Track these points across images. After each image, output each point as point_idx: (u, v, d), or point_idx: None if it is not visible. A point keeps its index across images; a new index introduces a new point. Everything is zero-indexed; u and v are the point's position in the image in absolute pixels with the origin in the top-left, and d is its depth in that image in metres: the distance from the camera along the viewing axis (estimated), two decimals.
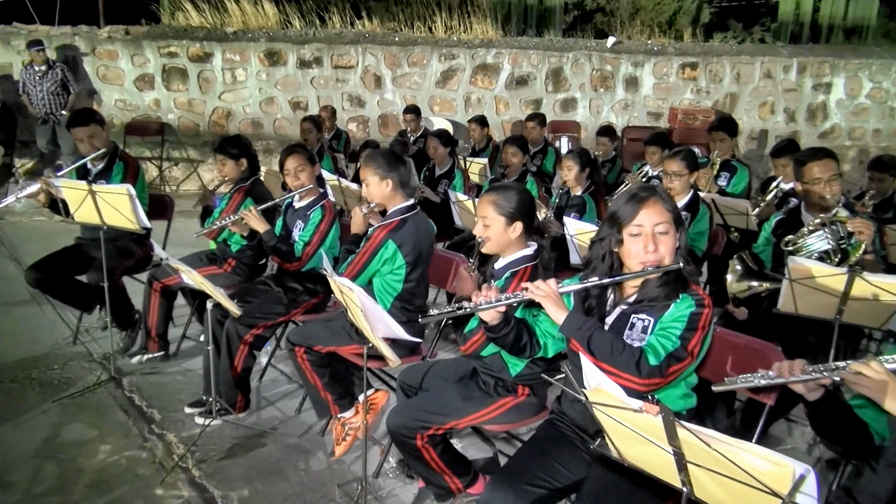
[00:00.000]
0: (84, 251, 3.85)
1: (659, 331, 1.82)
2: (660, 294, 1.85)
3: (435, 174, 5.40)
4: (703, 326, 1.79)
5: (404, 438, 2.32)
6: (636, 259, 1.85)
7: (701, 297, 1.84)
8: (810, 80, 9.27)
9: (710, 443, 1.20)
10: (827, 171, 2.90)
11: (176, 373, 3.73)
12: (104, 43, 8.20)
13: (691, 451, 1.27)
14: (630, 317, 1.90)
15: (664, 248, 1.84)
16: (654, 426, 1.28)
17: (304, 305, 3.38)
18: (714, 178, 4.67)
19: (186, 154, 8.49)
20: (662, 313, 1.85)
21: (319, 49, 8.47)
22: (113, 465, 2.86)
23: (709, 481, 1.30)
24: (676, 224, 1.87)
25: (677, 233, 1.87)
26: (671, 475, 1.37)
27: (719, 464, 1.21)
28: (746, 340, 2.24)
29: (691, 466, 1.31)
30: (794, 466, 1.13)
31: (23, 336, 4.08)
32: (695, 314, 1.80)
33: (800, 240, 2.88)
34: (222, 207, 3.66)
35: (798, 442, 3.14)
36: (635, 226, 1.85)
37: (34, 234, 6.24)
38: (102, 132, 3.71)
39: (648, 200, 1.85)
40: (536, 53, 8.81)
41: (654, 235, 1.83)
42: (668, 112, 8.93)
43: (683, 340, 1.76)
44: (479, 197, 2.36)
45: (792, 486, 1.13)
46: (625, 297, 1.95)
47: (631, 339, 1.87)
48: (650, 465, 1.45)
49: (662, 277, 1.86)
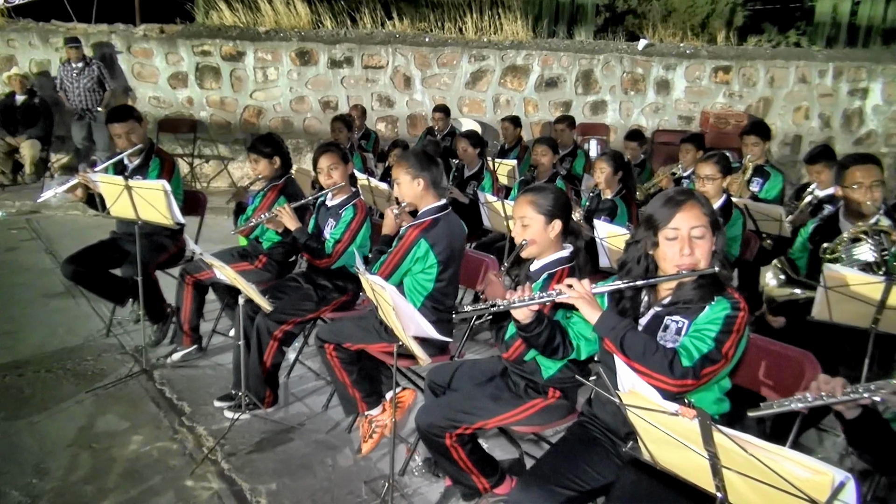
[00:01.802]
0: (119, 245, 3.93)
1: (693, 332, 1.81)
2: (694, 297, 1.84)
3: (464, 175, 5.41)
4: (739, 329, 1.78)
5: (433, 437, 2.33)
6: (671, 262, 1.85)
7: (737, 301, 1.82)
8: (846, 84, 9.07)
9: (748, 448, 1.18)
10: (869, 177, 2.84)
11: (206, 367, 3.79)
12: (139, 41, 8.36)
13: (727, 456, 1.25)
14: (664, 318, 1.89)
15: (700, 252, 1.82)
16: (689, 430, 1.27)
17: (333, 303, 3.41)
18: (747, 184, 4.60)
19: (217, 151, 8.62)
20: (697, 315, 1.83)
21: (350, 49, 8.54)
22: (145, 456, 2.92)
23: (744, 487, 1.28)
24: (713, 228, 1.86)
25: (714, 237, 1.85)
26: (706, 480, 1.36)
27: (756, 469, 1.20)
28: (781, 347, 2.21)
29: (726, 472, 1.29)
30: (833, 473, 1.11)
31: (58, 328, 4.19)
32: (730, 317, 1.78)
33: (839, 247, 2.83)
34: (256, 205, 3.71)
35: (829, 451, 3.08)
36: (671, 229, 1.84)
37: (69, 228, 6.40)
38: (140, 129, 3.78)
39: (685, 204, 1.84)
40: (567, 55, 8.76)
41: (690, 239, 1.82)
42: (700, 116, 8.81)
43: (718, 343, 1.75)
44: (515, 198, 2.36)
45: (831, 493, 1.11)
46: (659, 299, 1.94)
47: (664, 341, 1.86)
48: (684, 470, 1.43)
49: (698, 280, 1.85)
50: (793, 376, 2.11)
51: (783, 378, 2.16)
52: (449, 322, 3.00)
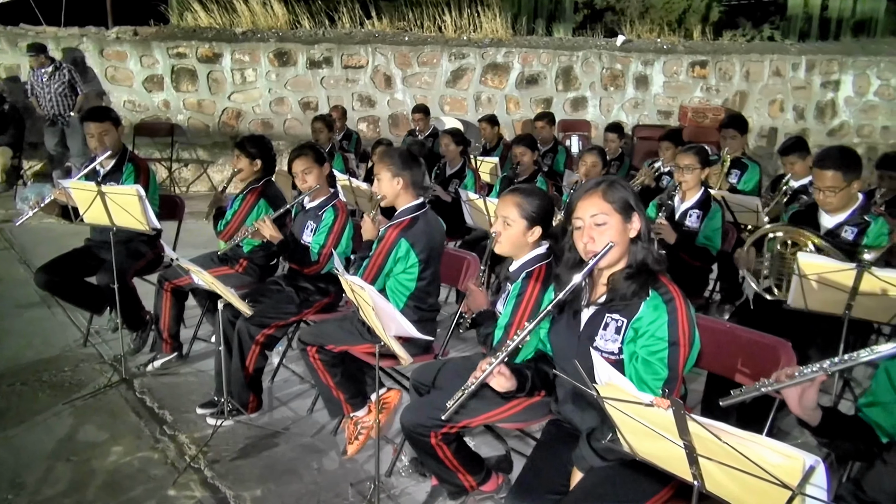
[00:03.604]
0: (94, 253, 3.86)
1: (645, 357, 1.77)
2: (628, 291, 1.82)
3: (446, 173, 5.41)
4: (684, 331, 1.77)
5: (419, 436, 2.33)
6: (581, 252, 1.86)
7: (669, 293, 1.80)
8: (819, 77, 9.22)
9: (721, 436, 1.20)
10: (822, 182, 2.87)
11: (188, 374, 3.75)
12: (112, 44, 8.26)
13: (702, 445, 1.27)
14: (604, 316, 1.88)
15: (605, 240, 1.80)
16: (665, 420, 1.28)
17: (316, 305, 3.40)
18: (725, 176, 4.66)
19: (196, 155, 8.54)
20: (635, 314, 1.82)
21: (329, 49, 8.50)
22: (125, 466, 2.88)
23: (720, 474, 1.29)
24: (626, 212, 1.83)
25: (627, 221, 1.83)
26: (683, 469, 1.37)
27: (730, 456, 1.21)
28: (758, 336, 2.24)
29: (702, 460, 1.31)
30: (804, 458, 1.13)
31: (33, 339, 4.11)
32: (671, 322, 1.76)
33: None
34: (235, 209, 3.66)
35: (807, 436, 3.11)
36: (576, 218, 1.86)
37: (43, 236, 6.28)
38: (115, 132, 3.72)
39: (587, 192, 1.85)
40: (547, 52, 8.81)
41: (591, 227, 1.83)
42: (679, 110, 8.91)
43: (672, 361, 1.75)
44: (503, 195, 2.36)
45: (802, 477, 1.13)
46: (596, 296, 1.93)
47: (605, 340, 1.86)
48: (662, 460, 1.45)
49: (626, 272, 1.84)
50: (769, 364, 2.13)
51: (760, 366, 2.18)
52: (432, 321, 3.00)
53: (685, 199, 3.72)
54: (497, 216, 2.34)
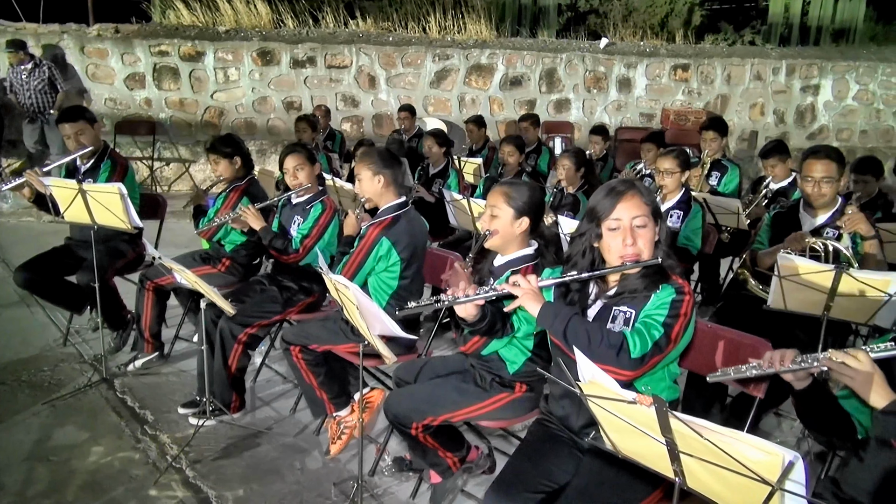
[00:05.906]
0: (74, 251, 3.82)
1: (643, 318, 1.83)
2: (640, 286, 1.86)
3: (429, 174, 5.42)
4: (686, 313, 1.81)
5: (401, 427, 2.38)
6: (615, 253, 1.86)
7: (681, 286, 1.85)
8: (799, 81, 9.36)
9: (702, 433, 1.21)
10: (819, 172, 2.91)
11: (169, 373, 3.71)
12: (93, 41, 8.15)
13: (684, 442, 1.28)
14: (612, 309, 1.91)
15: (642, 242, 1.84)
16: (647, 417, 1.30)
17: (299, 305, 3.38)
18: (705, 178, 4.71)
19: (178, 154, 8.45)
20: (644, 304, 1.86)
21: (313, 49, 8.46)
22: (106, 467, 2.85)
23: (701, 471, 1.31)
24: (655, 217, 1.87)
25: (656, 226, 1.87)
26: (665, 466, 1.39)
27: (711, 453, 1.23)
28: (738, 336, 2.27)
29: (684, 457, 1.32)
30: (783, 454, 1.15)
31: (12, 338, 4.05)
32: (676, 301, 1.81)
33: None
34: (217, 208, 3.64)
35: (787, 435, 3.17)
36: (613, 220, 1.85)
37: (23, 234, 6.20)
38: (92, 130, 3.69)
39: (626, 194, 1.86)
40: (530, 54, 8.84)
41: (632, 229, 1.84)
42: (661, 113, 8.99)
43: (667, 328, 1.78)
44: (492, 188, 2.37)
45: (781, 473, 1.15)
46: (606, 289, 1.96)
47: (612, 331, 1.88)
48: (644, 457, 1.46)
49: (642, 270, 1.86)
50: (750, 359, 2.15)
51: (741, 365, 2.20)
52: (416, 320, 3.00)
53: (666, 200, 3.76)
54: (486, 209, 2.34)
